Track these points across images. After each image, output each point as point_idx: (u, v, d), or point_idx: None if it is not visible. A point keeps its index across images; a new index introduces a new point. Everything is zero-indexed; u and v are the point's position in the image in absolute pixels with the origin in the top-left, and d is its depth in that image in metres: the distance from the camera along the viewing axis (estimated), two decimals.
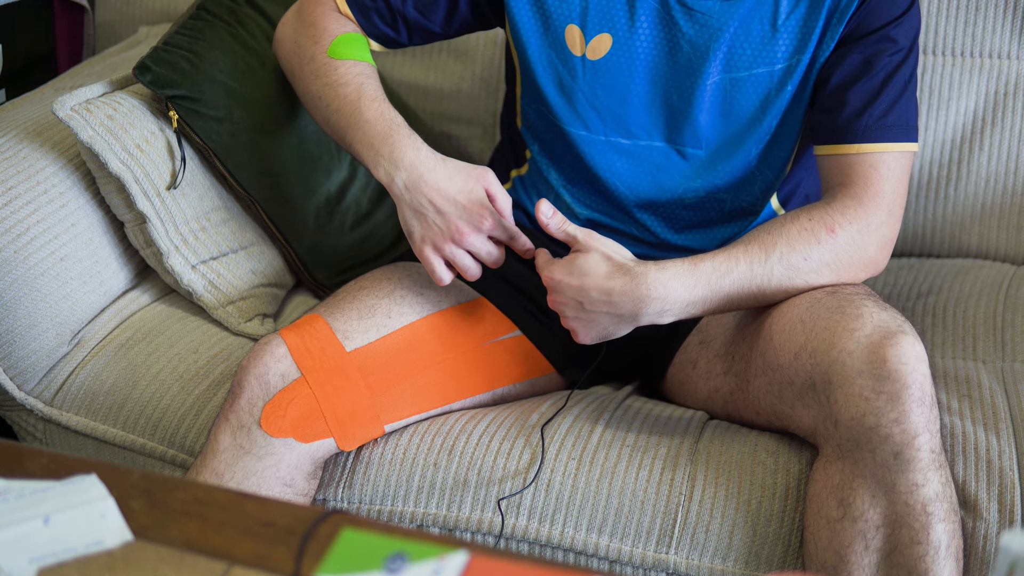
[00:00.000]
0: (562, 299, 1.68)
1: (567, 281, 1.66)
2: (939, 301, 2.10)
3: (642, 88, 1.86)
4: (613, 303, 1.65)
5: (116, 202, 1.96)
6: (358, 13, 1.91)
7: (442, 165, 1.72)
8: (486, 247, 1.73)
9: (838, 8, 1.79)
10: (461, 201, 1.70)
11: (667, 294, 1.65)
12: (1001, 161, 2.25)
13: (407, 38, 1.95)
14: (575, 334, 1.71)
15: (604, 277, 1.64)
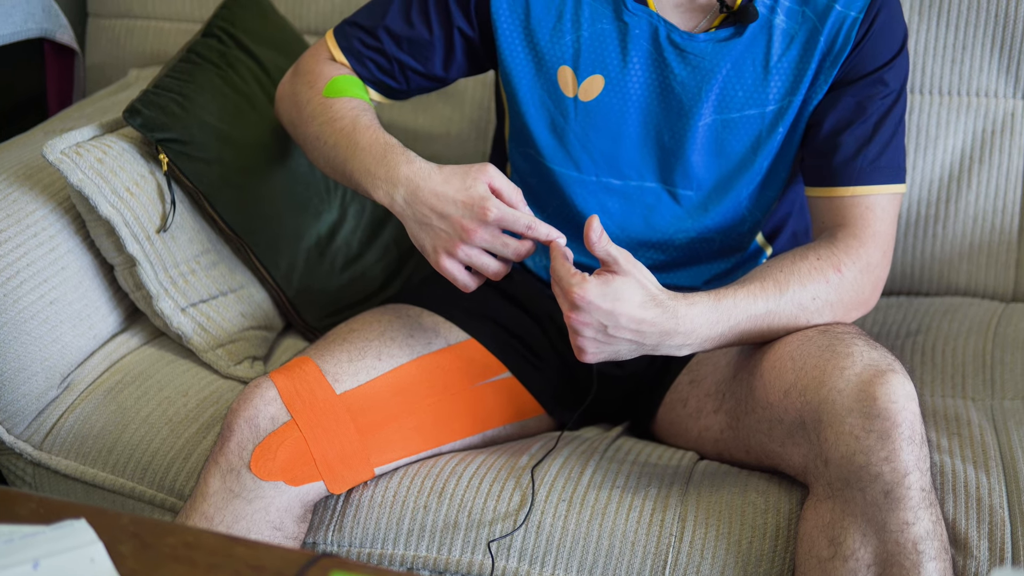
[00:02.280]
0: (586, 319, 1.60)
1: (597, 303, 1.59)
2: (928, 339, 2.10)
3: (634, 129, 1.86)
4: (641, 332, 1.61)
5: (106, 245, 1.96)
6: (354, 61, 1.91)
7: (437, 172, 1.69)
8: (500, 239, 1.67)
9: (832, 51, 1.80)
10: (460, 199, 1.65)
11: (693, 329, 1.64)
12: (989, 199, 2.26)
13: (406, 85, 1.94)
14: (581, 353, 1.65)
15: (638, 305, 1.60)
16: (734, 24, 1.80)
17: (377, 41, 1.90)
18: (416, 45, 1.89)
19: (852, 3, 1.79)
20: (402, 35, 1.89)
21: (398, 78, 1.92)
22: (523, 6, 1.85)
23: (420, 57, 1.90)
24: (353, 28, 1.92)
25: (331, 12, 2.50)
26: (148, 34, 2.62)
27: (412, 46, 1.89)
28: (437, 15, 1.87)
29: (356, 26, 1.92)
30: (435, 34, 1.88)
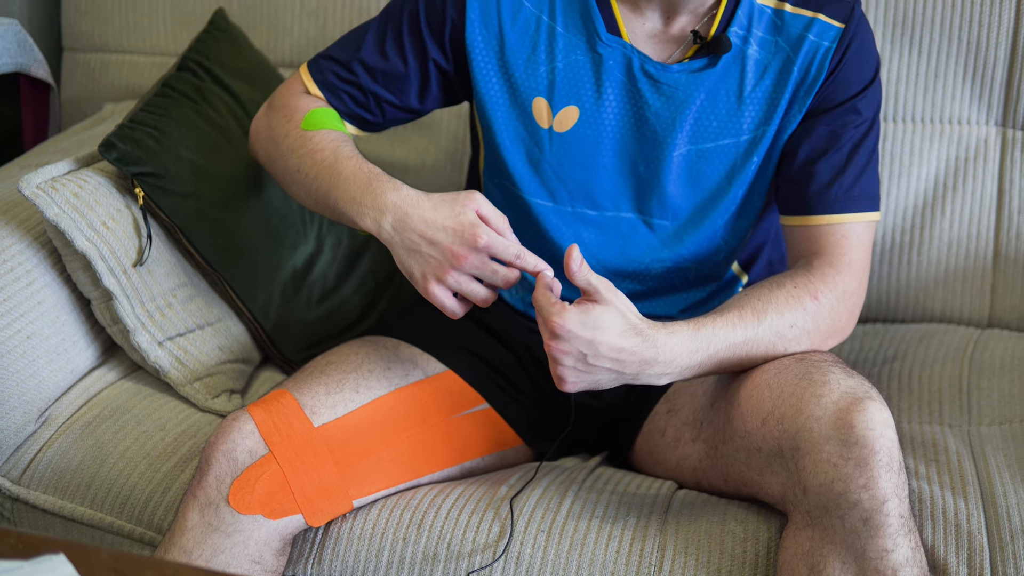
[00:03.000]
0: (566, 348, 1.60)
1: (577, 332, 1.59)
2: (905, 366, 2.11)
3: (609, 160, 1.87)
4: (621, 361, 1.61)
5: (82, 279, 1.96)
6: (329, 94, 1.91)
7: (426, 199, 1.69)
8: (489, 266, 1.67)
9: (805, 81, 1.81)
10: (450, 226, 1.65)
11: (672, 358, 1.64)
12: (963, 225, 2.27)
13: (382, 117, 1.94)
14: (561, 382, 1.65)
15: (618, 334, 1.60)
16: (708, 55, 1.81)
17: (352, 74, 1.90)
18: (391, 78, 1.89)
19: (825, 33, 1.80)
20: (377, 68, 1.89)
21: (373, 111, 1.92)
22: (498, 38, 1.86)
23: (395, 90, 1.90)
24: (328, 61, 1.92)
25: (306, 45, 2.51)
26: (123, 68, 2.62)
27: (387, 79, 1.90)
28: (412, 47, 1.88)
29: (331, 59, 1.92)
30: (410, 66, 1.89)
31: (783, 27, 1.81)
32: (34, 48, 2.43)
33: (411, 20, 1.88)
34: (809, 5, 1.82)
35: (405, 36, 1.88)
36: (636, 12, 1.83)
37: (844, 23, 1.81)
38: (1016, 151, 2.26)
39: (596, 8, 1.83)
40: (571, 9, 1.84)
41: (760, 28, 1.82)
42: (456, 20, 1.86)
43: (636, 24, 1.83)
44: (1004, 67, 2.24)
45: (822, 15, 1.81)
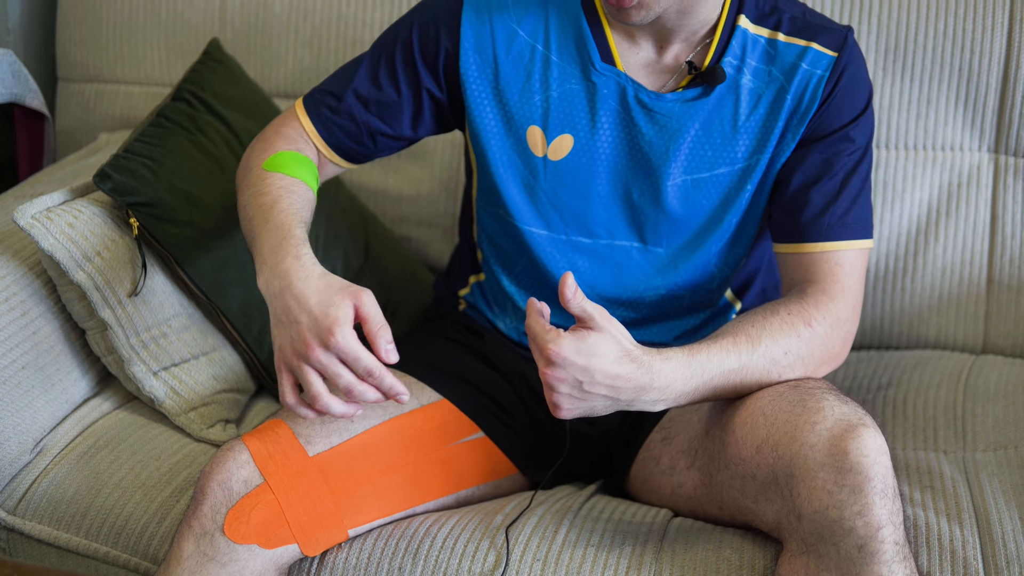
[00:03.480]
0: (562, 375, 1.60)
1: (573, 359, 1.59)
2: (899, 393, 2.11)
3: (604, 188, 1.87)
4: (616, 387, 1.61)
5: (77, 309, 1.96)
6: (321, 127, 1.90)
7: (318, 277, 1.63)
8: (334, 368, 1.59)
9: (798, 110, 1.82)
10: (316, 312, 1.58)
11: (667, 384, 1.64)
12: (957, 252, 2.28)
13: (374, 147, 1.93)
14: (557, 409, 1.64)
15: (613, 361, 1.60)
16: (702, 84, 1.82)
17: (345, 106, 1.90)
18: (384, 107, 1.90)
19: (818, 62, 1.81)
20: (370, 98, 1.89)
21: (365, 142, 1.92)
22: (492, 67, 1.86)
23: (388, 119, 1.90)
24: (322, 95, 1.92)
25: (300, 75, 2.51)
26: (118, 98, 2.63)
27: (380, 108, 1.90)
28: (405, 77, 1.88)
29: (325, 92, 1.92)
30: (403, 95, 1.89)
31: (776, 56, 1.82)
32: (29, 78, 2.44)
33: (404, 50, 1.88)
34: (802, 34, 1.82)
35: (398, 65, 1.88)
36: (630, 41, 1.84)
37: (837, 52, 1.81)
38: (1009, 177, 2.27)
39: (591, 37, 1.83)
40: (566, 38, 1.85)
41: (754, 57, 1.82)
42: (450, 49, 1.87)
43: (630, 53, 1.84)
44: (996, 93, 2.24)
45: (815, 44, 1.82)
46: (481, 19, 1.86)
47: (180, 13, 2.56)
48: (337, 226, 2.22)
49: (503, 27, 1.86)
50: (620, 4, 1.69)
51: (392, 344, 1.60)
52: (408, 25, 1.89)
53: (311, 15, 2.49)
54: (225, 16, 2.54)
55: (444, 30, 1.87)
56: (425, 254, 2.48)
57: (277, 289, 1.64)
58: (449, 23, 1.86)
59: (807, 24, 1.83)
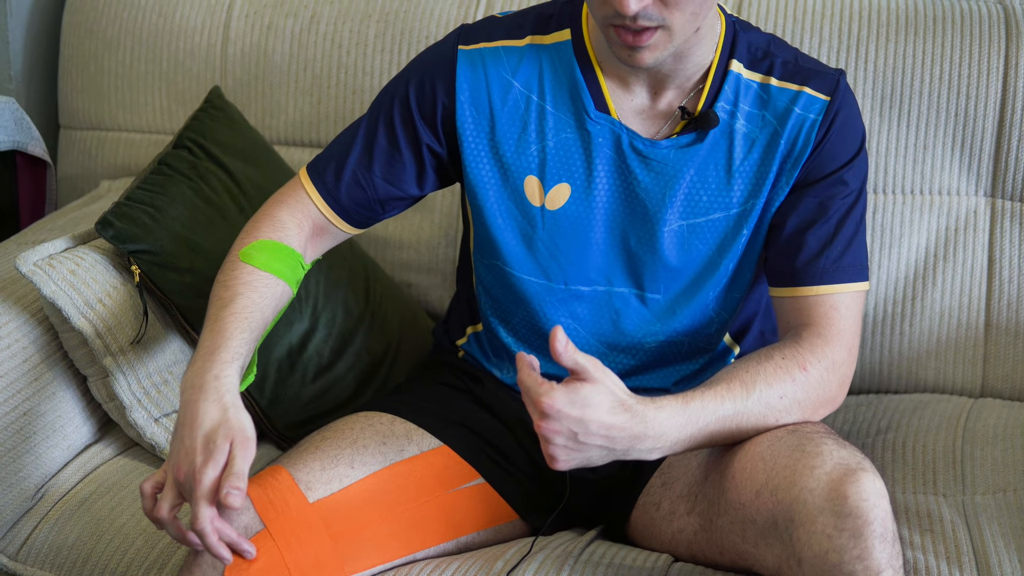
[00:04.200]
0: (557, 427, 1.60)
1: (567, 411, 1.59)
2: (898, 436, 2.11)
3: (601, 236, 1.88)
4: (612, 437, 1.61)
5: (79, 356, 1.96)
6: (325, 195, 1.90)
7: (223, 409, 1.63)
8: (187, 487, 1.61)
9: (792, 154, 1.82)
10: (204, 432, 1.61)
11: (662, 432, 1.64)
12: (955, 296, 2.28)
13: (380, 210, 1.94)
14: (553, 461, 1.64)
15: (607, 411, 1.60)
16: (696, 130, 1.83)
17: (348, 171, 1.90)
18: (387, 168, 1.90)
19: (811, 106, 1.82)
20: (372, 160, 1.89)
21: (372, 206, 1.92)
22: (488, 119, 1.87)
23: (392, 179, 1.91)
24: (325, 161, 1.91)
25: (300, 122, 2.52)
26: (119, 146, 2.64)
27: (383, 169, 1.90)
28: (405, 135, 1.89)
29: (327, 159, 1.92)
30: (404, 155, 1.89)
31: (769, 101, 1.83)
32: (31, 126, 2.45)
33: (402, 108, 1.89)
34: (795, 79, 1.84)
35: (397, 125, 1.89)
36: (624, 89, 1.85)
37: (829, 96, 1.83)
38: (1006, 221, 2.27)
39: (584, 85, 1.84)
40: (560, 88, 1.86)
41: (747, 102, 1.83)
42: (446, 103, 1.88)
43: (624, 101, 1.85)
44: (992, 138, 2.26)
45: (807, 88, 1.83)
46: (476, 71, 1.87)
47: (181, 62, 2.58)
48: (337, 272, 2.23)
49: (498, 79, 1.87)
50: (636, 43, 1.68)
51: (238, 490, 1.58)
52: (404, 83, 1.90)
53: (311, 63, 2.50)
54: (226, 65, 2.55)
55: (440, 84, 1.88)
56: (425, 300, 2.48)
57: (187, 398, 1.65)
58: (445, 77, 1.88)
59: (799, 68, 1.84)
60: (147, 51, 2.59)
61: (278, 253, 1.84)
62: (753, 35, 1.87)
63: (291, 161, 2.49)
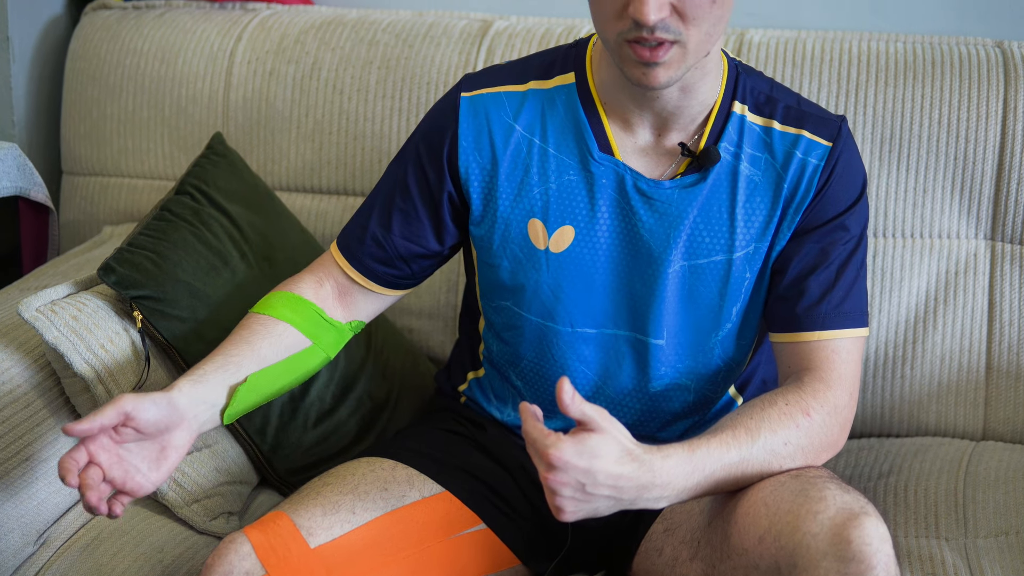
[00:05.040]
0: (564, 479, 1.59)
1: (574, 462, 1.57)
2: (900, 480, 2.11)
3: (605, 277, 1.88)
4: (619, 487, 1.60)
5: (81, 401, 1.96)
6: (355, 263, 1.93)
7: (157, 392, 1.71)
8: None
9: (795, 199, 1.83)
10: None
11: (669, 481, 1.64)
12: (955, 339, 2.29)
13: (409, 270, 1.95)
14: (560, 512, 1.63)
15: (614, 461, 1.59)
16: (699, 170, 1.83)
17: (369, 232, 1.93)
18: (405, 226, 1.92)
19: (812, 151, 1.83)
20: (391, 219, 1.92)
21: (399, 265, 1.94)
22: (491, 163, 1.88)
23: (411, 235, 1.92)
24: (351, 228, 1.95)
25: (302, 168, 2.53)
26: (122, 191, 2.64)
27: (402, 227, 1.92)
28: (418, 190, 1.91)
29: (352, 226, 1.95)
30: (420, 210, 1.91)
31: (772, 145, 1.84)
32: (34, 172, 2.45)
33: (414, 164, 1.91)
34: (797, 124, 1.84)
35: (411, 181, 1.91)
36: (627, 130, 1.86)
37: (831, 141, 1.83)
38: (1006, 264, 2.28)
39: (588, 127, 1.85)
40: (563, 130, 1.87)
41: (750, 145, 1.84)
42: (452, 150, 1.89)
43: (628, 142, 1.86)
44: (992, 181, 2.26)
45: (810, 133, 1.83)
46: (478, 116, 1.88)
47: (183, 108, 2.59)
48: None
49: (500, 123, 1.88)
50: (653, 58, 1.68)
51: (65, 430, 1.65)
52: (414, 140, 1.93)
53: (313, 110, 2.51)
54: (228, 111, 2.56)
55: (445, 132, 1.89)
56: (427, 346, 2.48)
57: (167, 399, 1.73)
58: (449, 126, 1.89)
59: (802, 114, 1.85)
60: (149, 97, 2.61)
61: (284, 299, 1.88)
62: (756, 79, 1.88)
63: (293, 207, 2.50)
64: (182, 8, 2.68)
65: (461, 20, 2.56)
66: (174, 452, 1.72)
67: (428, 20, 2.56)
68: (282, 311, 1.87)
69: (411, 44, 2.50)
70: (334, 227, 2.50)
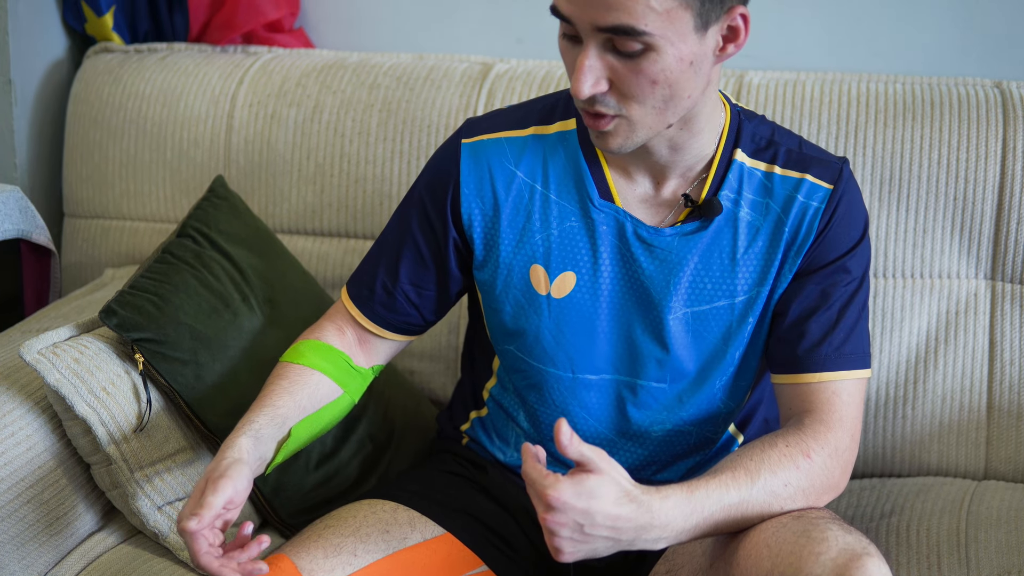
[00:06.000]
0: (562, 520, 1.58)
1: (573, 503, 1.57)
2: (902, 520, 2.11)
3: (607, 323, 1.88)
4: (618, 528, 1.60)
5: (82, 444, 1.97)
6: (363, 308, 1.95)
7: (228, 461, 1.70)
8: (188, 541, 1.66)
9: (796, 242, 1.83)
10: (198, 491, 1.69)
11: (668, 522, 1.63)
12: (956, 379, 2.29)
13: (420, 319, 1.97)
14: (559, 553, 1.62)
15: (612, 502, 1.59)
16: (700, 218, 1.84)
17: (379, 281, 1.94)
18: (412, 273, 1.93)
19: (814, 194, 1.83)
20: (398, 267, 1.93)
21: (408, 311, 1.95)
22: (493, 209, 1.88)
23: (420, 281, 1.94)
24: (360, 275, 1.97)
25: (304, 211, 2.54)
26: (123, 234, 2.65)
27: (409, 274, 1.93)
28: (424, 237, 1.92)
29: (360, 271, 1.97)
30: (426, 257, 1.92)
31: (773, 189, 1.84)
32: (36, 215, 2.46)
33: (418, 212, 1.92)
34: (798, 167, 1.85)
35: (415, 228, 1.92)
36: (627, 177, 1.86)
37: (833, 184, 1.84)
38: (1006, 303, 2.28)
39: (589, 174, 1.86)
40: (565, 177, 1.87)
41: (750, 191, 1.84)
42: (454, 197, 1.89)
43: (628, 189, 1.86)
44: (991, 221, 2.27)
45: (811, 176, 1.84)
46: (479, 164, 1.89)
47: (185, 151, 2.59)
48: None
49: (501, 168, 1.89)
50: (596, 127, 1.71)
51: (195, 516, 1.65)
52: (417, 187, 1.94)
53: (314, 152, 2.52)
54: (229, 154, 2.57)
55: (447, 178, 1.90)
56: (428, 387, 2.48)
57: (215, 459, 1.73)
58: (451, 173, 1.90)
59: (803, 157, 1.86)
60: (151, 140, 2.61)
61: (316, 349, 1.90)
62: (757, 125, 1.88)
63: (294, 249, 2.51)
64: (184, 51, 2.70)
65: (462, 63, 2.57)
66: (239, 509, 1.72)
67: (429, 63, 2.57)
68: (316, 360, 1.89)
69: (412, 87, 2.51)
70: (335, 269, 2.51)
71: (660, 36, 1.61)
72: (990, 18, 2.51)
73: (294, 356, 1.91)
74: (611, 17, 1.59)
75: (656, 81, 1.64)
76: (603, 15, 1.60)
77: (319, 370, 1.89)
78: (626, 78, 1.64)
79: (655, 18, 1.59)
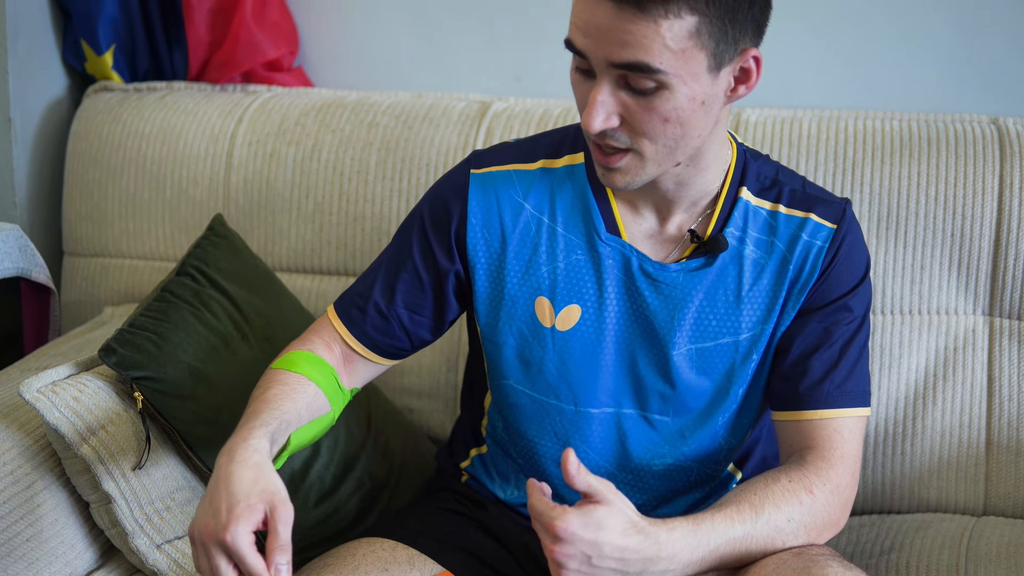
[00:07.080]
0: (570, 551, 1.58)
1: (580, 534, 1.57)
2: (902, 557, 2.11)
3: (611, 358, 1.89)
4: (625, 560, 1.60)
5: (82, 482, 1.97)
6: (352, 328, 1.93)
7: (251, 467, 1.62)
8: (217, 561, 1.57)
9: (799, 280, 1.84)
10: (228, 502, 1.58)
11: (674, 554, 1.63)
12: (955, 415, 2.29)
13: (408, 343, 1.95)
14: None
15: (620, 533, 1.59)
16: (705, 254, 1.84)
17: (372, 304, 1.93)
18: (409, 298, 1.92)
19: (817, 233, 1.84)
20: (395, 292, 1.92)
21: (398, 334, 1.94)
22: (500, 241, 1.89)
23: (415, 307, 1.93)
24: (351, 296, 1.95)
25: (303, 249, 2.54)
26: (123, 272, 2.65)
27: (405, 299, 1.92)
28: (424, 263, 1.92)
29: (353, 293, 1.95)
30: (424, 283, 1.92)
31: (778, 228, 1.85)
32: (35, 253, 2.46)
33: (420, 237, 1.92)
34: (802, 206, 1.86)
35: (416, 254, 1.92)
36: (634, 212, 1.87)
37: (836, 224, 1.84)
38: (1004, 339, 2.29)
39: (596, 208, 1.86)
40: (572, 210, 1.88)
41: (755, 229, 1.85)
42: (460, 227, 1.90)
43: (634, 224, 1.87)
44: (989, 258, 2.27)
45: (815, 216, 1.85)
46: (487, 195, 1.90)
47: (184, 190, 2.60)
48: None
49: (509, 201, 1.89)
50: (607, 163, 1.72)
51: (286, 565, 1.57)
52: (420, 212, 1.94)
53: (313, 191, 2.53)
54: (229, 192, 2.57)
55: (453, 208, 1.90)
56: (427, 425, 2.48)
57: (218, 464, 1.65)
58: (458, 200, 1.90)
59: (807, 196, 1.87)
60: (151, 179, 2.62)
61: (309, 360, 1.88)
62: (762, 164, 1.89)
63: (293, 288, 2.51)
64: (183, 90, 2.71)
65: (460, 101, 2.58)
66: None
67: (427, 102, 2.58)
68: (311, 372, 1.86)
69: (410, 126, 2.52)
70: None
71: (674, 75, 1.61)
72: (986, 55, 2.52)
73: (288, 364, 1.87)
74: (627, 54, 1.60)
75: (668, 119, 1.65)
76: (618, 51, 1.60)
77: (314, 381, 1.86)
78: (638, 115, 1.65)
79: (670, 57, 1.60)
